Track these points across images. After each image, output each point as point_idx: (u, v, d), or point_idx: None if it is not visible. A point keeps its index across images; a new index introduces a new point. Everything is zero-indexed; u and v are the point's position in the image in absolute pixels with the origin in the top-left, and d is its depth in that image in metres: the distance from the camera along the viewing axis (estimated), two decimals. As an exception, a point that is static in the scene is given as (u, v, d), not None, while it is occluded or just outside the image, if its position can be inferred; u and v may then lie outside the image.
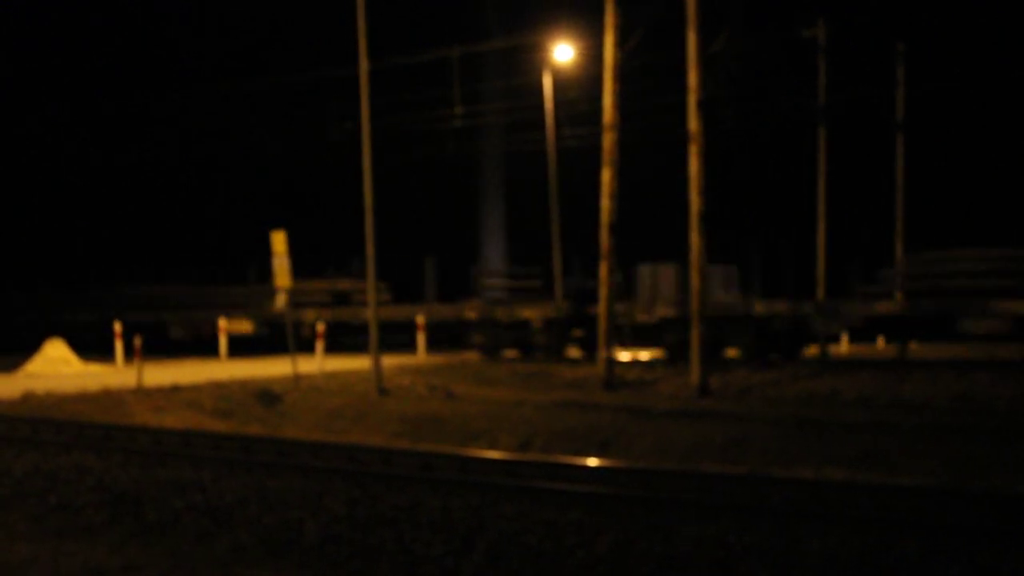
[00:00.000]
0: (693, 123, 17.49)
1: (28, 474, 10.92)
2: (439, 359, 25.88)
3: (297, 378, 19.14)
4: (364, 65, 18.91)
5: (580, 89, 28.73)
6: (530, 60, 30.22)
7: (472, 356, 27.38)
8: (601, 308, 19.00)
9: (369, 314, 19.38)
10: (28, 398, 17.71)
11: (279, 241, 19.31)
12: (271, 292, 27.70)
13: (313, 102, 33.21)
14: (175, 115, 38.30)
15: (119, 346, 25.98)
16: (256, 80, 36.98)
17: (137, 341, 20.91)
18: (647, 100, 25.88)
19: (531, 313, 27.02)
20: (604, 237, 18.88)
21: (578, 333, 26.84)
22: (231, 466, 11.33)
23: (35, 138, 44.28)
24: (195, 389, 18.39)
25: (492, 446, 13.27)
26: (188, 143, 39.11)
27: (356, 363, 23.22)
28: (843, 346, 30.82)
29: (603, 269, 18.93)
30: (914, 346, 26.79)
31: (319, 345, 22.67)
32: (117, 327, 26.38)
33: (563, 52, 28.56)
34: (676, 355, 23.48)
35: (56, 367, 24.26)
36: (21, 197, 48.11)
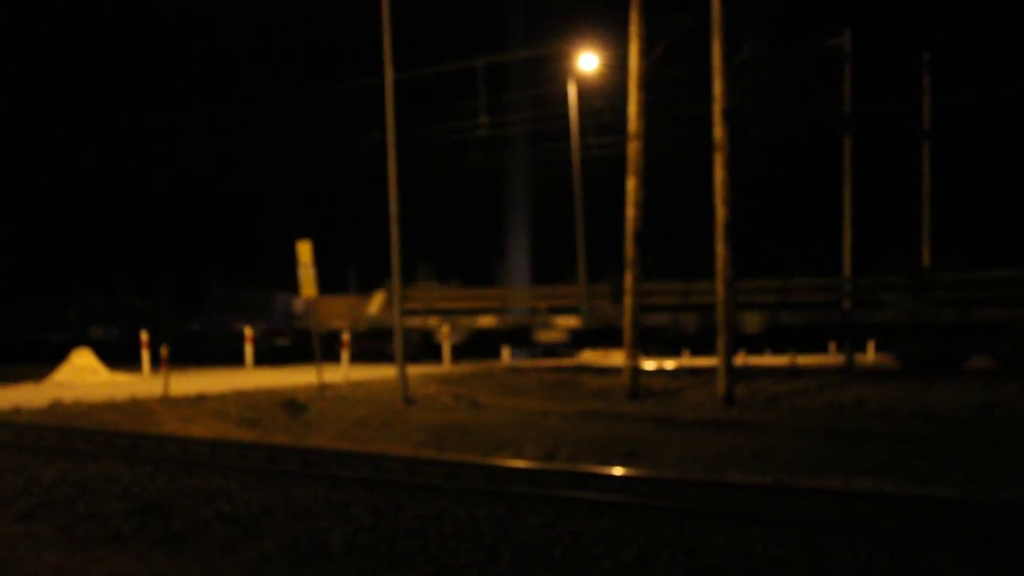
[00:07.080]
0: (718, 132, 17.47)
1: (56, 483, 10.98)
2: (464, 368, 25.87)
3: (322, 387, 19.19)
4: (389, 75, 19.00)
5: (605, 98, 28.78)
6: (555, 70, 30.32)
7: (498, 365, 27.15)
8: (626, 318, 18.97)
9: (395, 322, 19.40)
10: (56, 407, 17.82)
11: (304, 251, 19.32)
12: (598, 293, 27.55)
13: (345, 113, 33.41)
14: (207, 127, 38.51)
15: (145, 355, 26.07)
16: (289, 91, 37.22)
17: (163, 351, 20.99)
18: (673, 109, 25.91)
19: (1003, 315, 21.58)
20: (629, 246, 18.86)
21: None
22: (258, 475, 11.37)
23: (72, 147, 44.70)
24: (221, 398, 18.47)
25: (518, 456, 13.25)
26: (222, 155, 39.36)
27: (381, 372, 23.26)
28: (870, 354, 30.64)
29: (628, 278, 18.91)
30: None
31: (344, 354, 22.75)
32: (144, 336, 26.39)
33: (588, 61, 28.62)
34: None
35: (83, 376, 24.41)
36: (58, 206, 48.50)
